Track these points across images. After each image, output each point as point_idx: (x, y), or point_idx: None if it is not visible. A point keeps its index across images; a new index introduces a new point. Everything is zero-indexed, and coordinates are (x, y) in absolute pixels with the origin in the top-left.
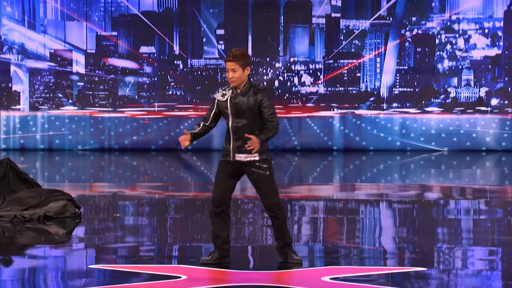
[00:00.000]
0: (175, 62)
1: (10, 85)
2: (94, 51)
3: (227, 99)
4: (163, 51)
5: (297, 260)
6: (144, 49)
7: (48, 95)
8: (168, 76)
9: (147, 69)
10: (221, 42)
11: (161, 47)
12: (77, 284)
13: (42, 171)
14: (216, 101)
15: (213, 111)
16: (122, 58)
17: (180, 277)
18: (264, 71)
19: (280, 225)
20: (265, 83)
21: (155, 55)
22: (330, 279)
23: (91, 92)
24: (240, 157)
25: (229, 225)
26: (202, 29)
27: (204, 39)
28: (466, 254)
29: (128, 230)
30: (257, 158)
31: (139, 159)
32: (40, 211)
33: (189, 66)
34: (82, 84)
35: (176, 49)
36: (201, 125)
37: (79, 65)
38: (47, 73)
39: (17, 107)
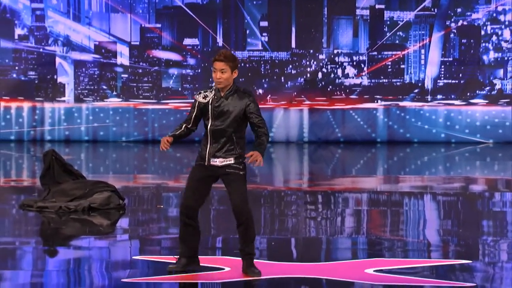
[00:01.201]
0: None
1: (55, 77)
2: (138, 43)
3: (208, 102)
4: (207, 43)
5: (256, 274)
6: (187, 41)
7: (92, 87)
8: (212, 68)
9: (191, 61)
10: (264, 34)
11: (204, 39)
12: (121, 275)
13: (87, 163)
14: (197, 103)
15: (194, 114)
16: (166, 50)
17: (224, 269)
18: (308, 63)
19: (242, 233)
20: (308, 75)
21: (199, 47)
22: (374, 271)
23: (135, 84)
24: (215, 162)
25: (199, 232)
26: (246, 21)
27: (247, 31)
28: (511, 246)
29: (171, 222)
30: (232, 161)
31: (182, 151)
32: (85, 202)
33: None
34: (126, 76)
35: (220, 41)
36: (183, 126)
37: (123, 57)
38: (92, 65)
39: (62, 99)
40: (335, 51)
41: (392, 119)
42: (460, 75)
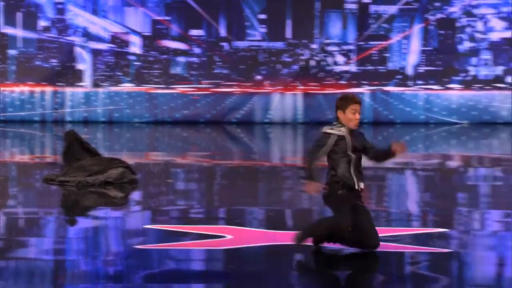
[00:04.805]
0: (221, 43)
1: (74, 64)
2: (149, 33)
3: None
4: (211, 34)
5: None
6: (193, 32)
7: (108, 73)
8: (215, 56)
9: (196, 50)
10: (263, 25)
11: (208, 30)
12: (134, 242)
13: (103, 142)
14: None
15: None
16: (174, 40)
17: (225, 237)
18: (301, 52)
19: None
20: (302, 63)
21: (204, 37)
22: None
23: (146, 71)
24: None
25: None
26: (245, 14)
27: (247, 23)
28: (484, 216)
29: (179, 194)
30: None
31: (189, 131)
32: (101, 177)
33: (233, 47)
34: (139, 63)
35: (222, 32)
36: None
37: (136, 47)
38: (108, 53)
39: (81, 84)
40: (326, 41)
41: (377, 102)
42: (438, 63)
